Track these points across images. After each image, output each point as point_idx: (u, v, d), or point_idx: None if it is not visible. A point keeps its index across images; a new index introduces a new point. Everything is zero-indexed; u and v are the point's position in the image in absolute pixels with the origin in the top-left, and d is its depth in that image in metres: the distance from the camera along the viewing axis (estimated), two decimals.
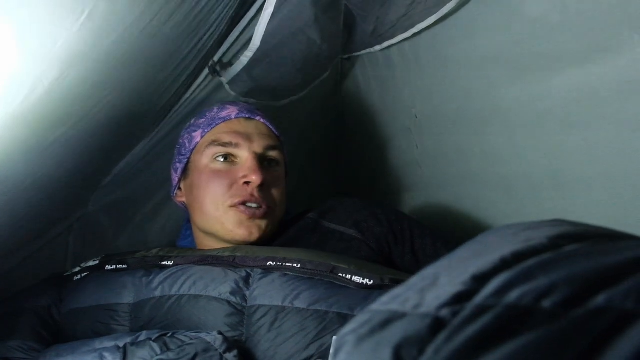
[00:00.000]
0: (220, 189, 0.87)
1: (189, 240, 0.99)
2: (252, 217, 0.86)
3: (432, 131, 1.19)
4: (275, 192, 0.90)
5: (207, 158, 0.89)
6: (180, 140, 0.97)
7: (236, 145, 0.88)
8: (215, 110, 0.94)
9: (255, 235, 0.86)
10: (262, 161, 0.90)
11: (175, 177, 0.97)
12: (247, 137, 0.89)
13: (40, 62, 0.58)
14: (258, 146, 0.89)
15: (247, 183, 0.86)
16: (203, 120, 0.94)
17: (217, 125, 0.91)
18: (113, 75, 0.74)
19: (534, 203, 0.96)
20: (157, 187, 1.15)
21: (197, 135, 0.92)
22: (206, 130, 0.92)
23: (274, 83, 1.19)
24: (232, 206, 0.86)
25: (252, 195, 0.85)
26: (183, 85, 1.06)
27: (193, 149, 0.93)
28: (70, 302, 0.84)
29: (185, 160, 0.94)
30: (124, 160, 1.11)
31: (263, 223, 0.87)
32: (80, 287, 0.85)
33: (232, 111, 0.93)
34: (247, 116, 0.93)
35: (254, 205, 0.86)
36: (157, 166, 1.12)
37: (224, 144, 0.89)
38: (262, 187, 0.86)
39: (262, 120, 0.93)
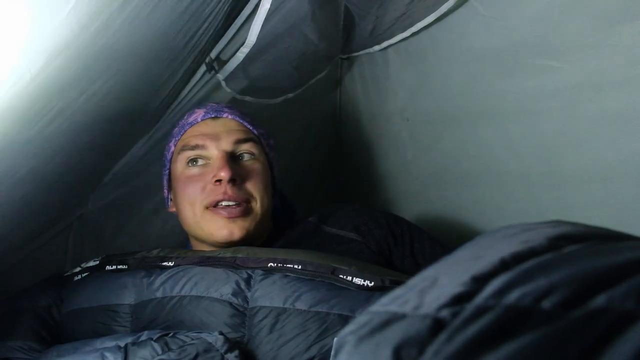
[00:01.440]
0: (194, 193, 0.86)
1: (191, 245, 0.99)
2: (230, 217, 0.84)
3: (427, 131, 1.20)
4: (251, 186, 0.88)
5: (181, 165, 0.89)
6: (164, 152, 0.97)
7: (203, 147, 0.88)
8: (186, 116, 0.95)
9: (236, 235, 0.84)
10: (234, 157, 0.89)
11: (164, 189, 0.98)
12: (214, 137, 0.88)
13: (27, 50, 0.57)
14: (226, 143, 0.88)
15: (218, 181, 0.85)
16: (176, 129, 0.95)
17: (185, 131, 0.92)
18: (97, 62, 0.73)
19: (531, 203, 0.96)
20: (156, 187, 1.15)
21: (172, 144, 0.94)
22: (177, 139, 0.92)
23: (270, 80, 1.19)
24: (207, 207, 0.85)
25: (225, 193, 0.84)
26: (180, 82, 1.06)
27: (171, 159, 0.93)
28: (70, 302, 0.84)
29: (167, 171, 0.94)
30: (122, 160, 1.11)
31: (245, 222, 0.86)
32: (80, 288, 0.85)
33: (198, 114, 0.92)
34: (213, 116, 0.92)
35: (231, 203, 0.85)
36: (156, 166, 1.12)
37: (192, 147, 0.88)
38: (234, 182, 0.85)
39: (230, 117, 0.92)
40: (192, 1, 0.81)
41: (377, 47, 1.22)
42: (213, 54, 1.09)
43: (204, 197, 0.86)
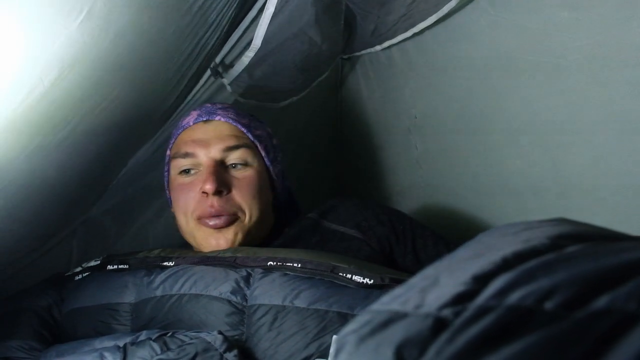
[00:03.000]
0: (186, 203, 0.85)
1: None
2: (216, 227, 0.84)
3: (432, 132, 1.19)
4: (239, 197, 0.85)
5: (174, 172, 0.88)
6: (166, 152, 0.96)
7: (193, 155, 0.86)
8: (182, 118, 0.93)
9: (222, 245, 0.84)
10: (224, 165, 0.86)
11: (166, 190, 0.96)
12: (204, 143, 0.86)
13: (40, 62, 0.58)
14: (215, 150, 0.85)
15: (205, 193, 0.83)
16: (173, 130, 0.93)
17: (179, 135, 0.90)
18: (112, 75, 0.74)
19: (536, 205, 0.96)
20: (159, 190, 1.15)
21: (169, 148, 0.93)
22: (172, 142, 0.91)
23: (275, 83, 1.19)
24: (198, 219, 0.85)
25: (211, 206, 0.83)
26: (186, 87, 1.06)
27: (168, 162, 0.92)
28: (71, 301, 0.84)
29: (167, 174, 0.93)
30: (128, 164, 1.11)
31: (229, 232, 0.84)
32: (81, 287, 0.85)
33: (191, 117, 0.90)
34: (205, 119, 0.88)
35: (214, 215, 0.84)
36: (159, 169, 1.11)
37: (183, 155, 0.86)
38: (220, 194, 0.83)
39: (222, 120, 0.88)
40: (199, 8, 0.81)
41: (378, 47, 1.22)
42: (218, 59, 1.09)
43: (194, 208, 0.85)
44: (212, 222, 0.84)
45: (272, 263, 0.74)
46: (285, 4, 1.00)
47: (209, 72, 1.09)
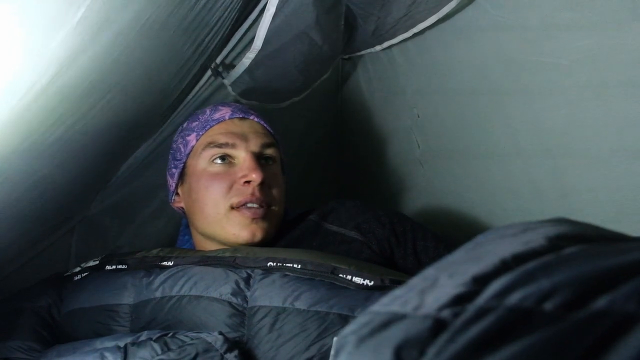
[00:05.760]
0: (219, 191, 0.86)
1: (188, 245, 0.99)
2: (254, 218, 0.85)
3: (434, 131, 1.19)
4: (275, 191, 0.89)
5: (204, 161, 0.89)
6: (174, 145, 0.96)
7: (232, 146, 0.88)
8: (208, 112, 0.94)
9: (258, 237, 0.85)
10: (260, 159, 0.89)
11: (172, 183, 0.96)
12: (243, 137, 0.89)
13: (38, 59, 0.58)
14: (254, 145, 0.89)
15: (247, 182, 0.86)
16: (196, 123, 0.93)
17: (211, 127, 0.91)
18: (111, 74, 0.73)
19: (537, 204, 0.95)
20: (159, 188, 1.15)
21: (191, 138, 0.92)
22: (200, 133, 0.91)
23: (276, 84, 1.19)
24: (233, 208, 0.86)
25: (252, 194, 0.85)
26: (187, 87, 1.06)
27: (189, 153, 0.92)
28: (70, 302, 0.84)
29: (181, 165, 0.93)
30: (127, 162, 1.11)
31: (265, 224, 0.86)
32: (80, 287, 0.85)
33: (225, 112, 0.92)
34: (240, 116, 0.92)
35: (255, 205, 0.85)
36: (159, 168, 1.11)
37: (220, 145, 0.88)
38: (262, 185, 0.86)
39: (256, 119, 0.93)
40: (201, 10, 0.82)
41: (378, 47, 1.22)
42: (218, 60, 1.09)
43: (230, 196, 0.86)
44: (251, 211, 0.85)
45: (272, 264, 0.74)
46: (285, 4, 1.00)
47: (209, 72, 1.09)
